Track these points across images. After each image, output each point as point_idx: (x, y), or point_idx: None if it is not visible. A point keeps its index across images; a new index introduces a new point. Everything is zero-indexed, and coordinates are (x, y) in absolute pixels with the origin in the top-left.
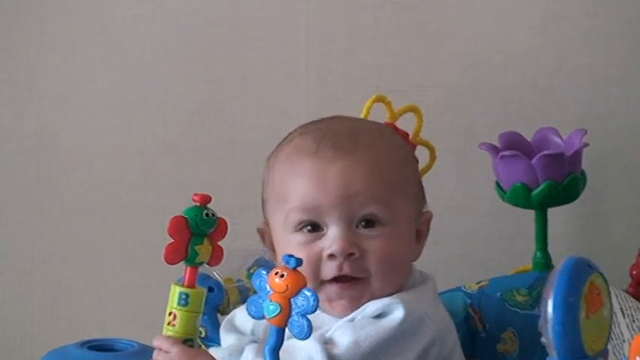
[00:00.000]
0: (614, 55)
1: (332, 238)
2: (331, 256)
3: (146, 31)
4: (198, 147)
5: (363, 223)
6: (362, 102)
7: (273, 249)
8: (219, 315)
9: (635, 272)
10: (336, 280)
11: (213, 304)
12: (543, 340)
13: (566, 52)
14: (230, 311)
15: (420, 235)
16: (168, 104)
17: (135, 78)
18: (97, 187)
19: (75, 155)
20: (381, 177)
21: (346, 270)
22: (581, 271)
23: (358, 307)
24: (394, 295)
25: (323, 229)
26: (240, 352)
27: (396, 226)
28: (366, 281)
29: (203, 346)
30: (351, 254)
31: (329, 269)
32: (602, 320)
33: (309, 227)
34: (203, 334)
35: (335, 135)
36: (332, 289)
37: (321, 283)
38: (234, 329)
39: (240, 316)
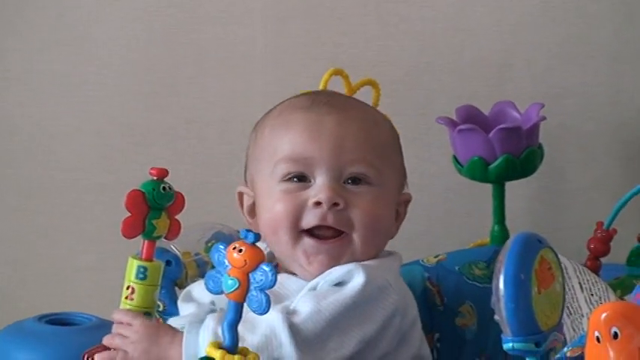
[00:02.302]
0: (570, 33)
1: (319, 186)
2: (317, 203)
3: (103, 12)
4: (155, 127)
5: (349, 180)
6: (319, 80)
7: (250, 213)
8: (177, 289)
9: (592, 246)
10: (315, 235)
11: (172, 278)
12: (496, 317)
13: (522, 28)
14: (188, 285)
15: (399, 215)
16: (124, 85)
17: (92, 59)
18: (54, 167)
19: (32, 136)
20: (373, 140)
21: (330, 220)
22: (530, 246)
23: (335, 265)
24: (356, 262)
25: (310, 181)
26: (201, 321)
27: (382, 189)
28: (347, 238)
29: (161, 320)
30: (336, 204)
31: (311, 217)
32: (555, 295)
33: (295, 178)
34: (161, 308)
35: (329, 96)
36: (310, 242)
37: (298, 235)
38: (193, 300)
39: (198, 288)
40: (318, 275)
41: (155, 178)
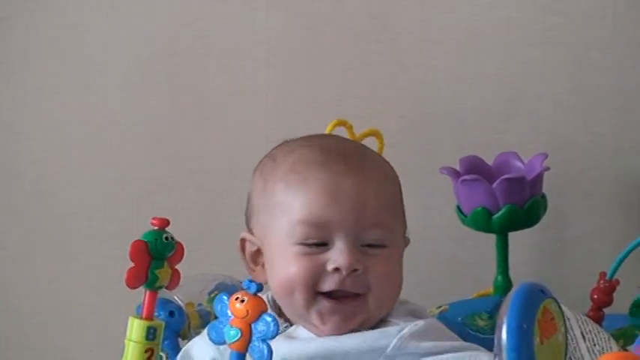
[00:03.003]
0: (573, 82)
1: (338, 251)
2: (336, 269)
3: (105, 61)
4: (157, 176)
5: (367, 244)
6: (323, 130)
7: (254, 260)
8: (180, 339)
9: (595, 296)
10: (331, 296)
11: (175, 329)
12: None
13: (527, 78)
14: (191, 336)
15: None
16: (127, 133)
17: (94, 108)
18: (58, 216)
19: (36, 185)
20: (387, 198)
21: (348, 285)
22: (534, 296)
23: (349, 325)
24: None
25: (328, 244)
26: None
27: (394, 248)
28: (363, 298)
29: None
30: (355, 270)
31: (330, 282)
32: (557, 345)
33: (314, 242)
34: (164, 359)
35: (341, 149)
36: (327, 304)
37: (315, 296)
38: None
39: (198, 347)
40: (330, 334)
41: (157, 228)
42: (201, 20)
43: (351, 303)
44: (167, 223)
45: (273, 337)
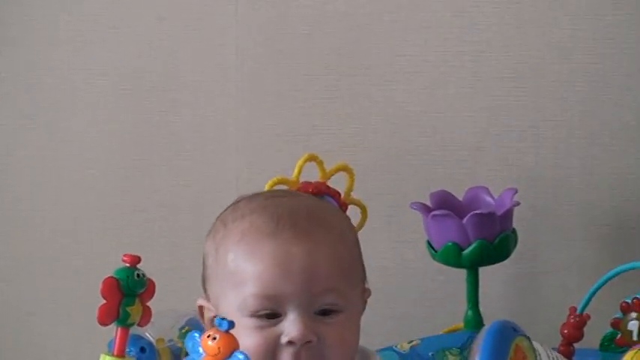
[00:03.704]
0: (543, 115)
1: (291, 324)
2: (290, 342)
3: (76, 94)
4: (127, 210)
5: (320, 312)
6: (292, 164)
7: (212, 326)
8: None
9: (566, 331)
10: None
11: None
12: None
13: (495, 112)
14: None
15: (361, 312)
16: (97, 167)
17: (65, 140)
18: (26, 251)
19: (7, 220)
20: (340, 263)
21: (303, 357)
22: (505, 335)
23: None
24: None
25: (281, 315)
26: None
27: (349, 311)
28: None
29: None
30: (309, 342)
31: (286, 356)
32: None
33: (266, 314)
34: None
35: (293, 213)
36: None
37: None
38: None
39: None
40: None
41: (128, 265)
42: (170, 55)
43: None
44: (138, 260)
45: None
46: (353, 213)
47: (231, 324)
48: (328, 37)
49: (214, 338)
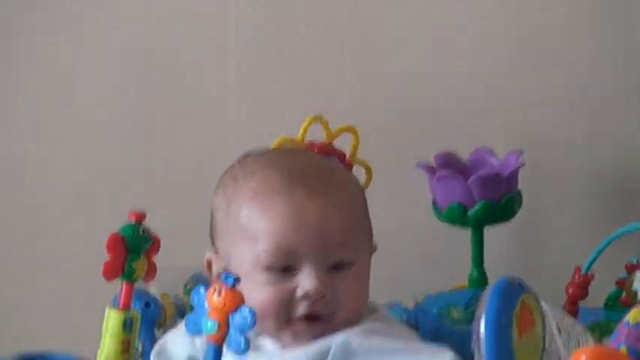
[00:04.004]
0: (545, 79)
1: (305, 277)
2: (305, 296)
3: (79, 55)
4: (130, 169)
5: (333, 266)
6: (294, 125)
7: (219, 280)
8: (155, 330)
9: (570, 291)
10: (302, 318)
11: (151, 320)
12: None
13: (498, 75)
14: (167, 327)
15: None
16: (101, 124)
17: (68, 101)
18: (30, 208)
19: (6, 177)
20: (352, 218)
21: (319, 309)
22: (512, 291)
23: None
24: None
25: (295, 269)
26: None
27: (361, 266)
28: (331, 318)
29: None
30: (323, 296)
31: (301, 309)
32: (535, 339)
33: (280, 269)
34: (140, 350)
35: (304, 170)
36: (301, 326)
37: (288, 320)
38: (168, 357)
39: (174, 343)
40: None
41: (134, 221)
42: (175, 15)
43: (321, 325)
44: (144, 216)
45: (250, 329)
46: (358, 173)
47: (237, 279)
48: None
49: (220, 293)
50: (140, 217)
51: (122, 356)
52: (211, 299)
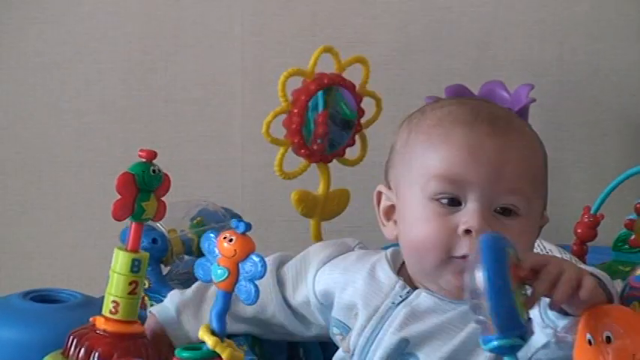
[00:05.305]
0: (547, 12)
1: (470, 213)
2: (467, 231)
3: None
4: (133, 106)
5: (500, 209)
6: (298, 58)
7: (387, 215)
8: (162, 266)
9: (579, 231)
10: (463, 258)
11: (158, 256)
12: (480, 318)
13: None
14: (174, 262)
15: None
16: (103, 63)
17: (68, 38)
18: (32, 146)
19: (9, 115)
20: (530, 170)
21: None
22: (500, 244)
23: None
24: None
25: (461, 204)
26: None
27: (528, 220)
28: None
29: (147, 298)
30: None
31: (463, 246)
32: (524, 290)
33: (447, 199)
34: (147, 286)
35: (491, 112)
36: (460, 265)
37: (448, 259)
38: None
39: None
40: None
41: (144, 160)
42: None
43: None
44: (154, 155)
45: (260, 277)
46: (368, 104)
47: (248, 226)
48: None
49: (230, 240)
50: (151, 156)
51: (130, 296)
52: (222, 246)
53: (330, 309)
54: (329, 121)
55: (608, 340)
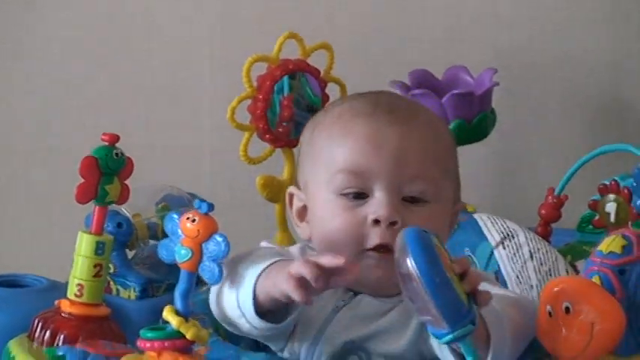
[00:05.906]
0: None
1: (378, 203)
2: (376, 221)
3: None
4: (103, 92)
5: (409, 198)
6: (267, 45)
7: (300, 216)
8: (127, 250)
9: (543, 212)
10: (375, 249)
11: (123, 240)
12: (426, 318)
13: None
14: (139, 247)
15: (450, 226)
16: (72, 50)
17: (40, 24)
18: (3, 131)
19: None
20: (434, 154)
21: (389, 239)
22: (425, 237)
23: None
24: None
25: (368, 196)
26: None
27: (438, 205)
28: None
29: (112, 282)
30: (394, 222)
31: (373, 236)
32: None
33: (353, 194)
34: (112, 270)
35: (391, 102)
36: (374, 257)
37: (360, 252)
38: None
39: None
40: (382, 285)
41: (107, 143)
42: None
43: (393, 258)
44: (117, 138)
45: (224, 257)
46: (332, 90)
47: (211, 206)
48: None
49: (193, 220)
50: (113, 139)
51: (94, 279)
52: (185, 227)
53: None
54: (294, 106)
55: (567, 310)
